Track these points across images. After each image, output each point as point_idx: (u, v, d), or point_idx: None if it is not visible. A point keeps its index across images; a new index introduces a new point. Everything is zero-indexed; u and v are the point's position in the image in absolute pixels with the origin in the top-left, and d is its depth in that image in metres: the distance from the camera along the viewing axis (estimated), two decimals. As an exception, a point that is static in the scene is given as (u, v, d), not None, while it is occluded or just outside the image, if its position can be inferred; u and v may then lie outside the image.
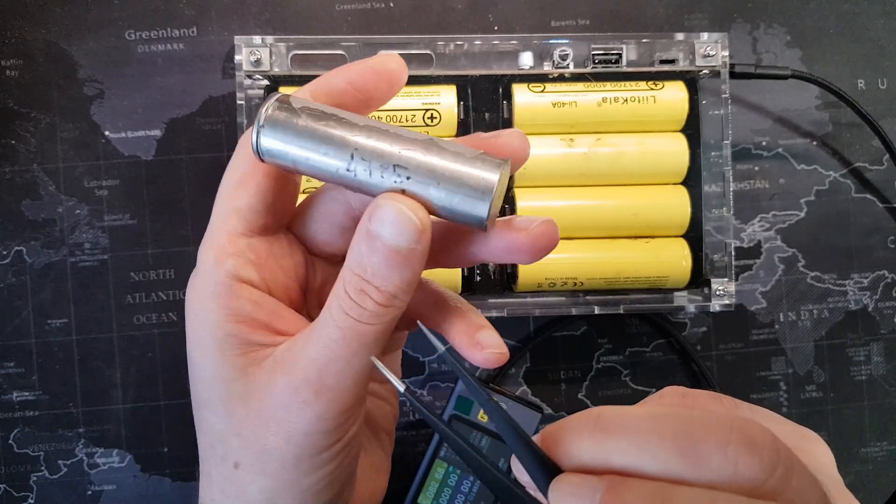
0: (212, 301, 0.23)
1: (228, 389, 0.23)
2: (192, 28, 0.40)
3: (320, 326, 0.22)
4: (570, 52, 0.37)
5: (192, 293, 0.23)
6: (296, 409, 0.22)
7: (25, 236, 0.39)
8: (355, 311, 0.21)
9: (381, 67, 0.23)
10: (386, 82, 0.23)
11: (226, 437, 0.23)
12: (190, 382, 0.24)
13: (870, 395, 0.42)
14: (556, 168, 0.36)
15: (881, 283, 0.42)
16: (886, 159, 0.42)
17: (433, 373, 0.41)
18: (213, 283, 0.23)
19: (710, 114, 0.37)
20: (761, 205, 0.41)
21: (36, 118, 0.39)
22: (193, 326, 0.23)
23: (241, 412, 0.23)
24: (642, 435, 0.17)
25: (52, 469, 0.39)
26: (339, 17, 0.40)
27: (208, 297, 0.23)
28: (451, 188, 0.20)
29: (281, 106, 0.21)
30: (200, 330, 0.23)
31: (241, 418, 0.23)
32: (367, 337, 0.22)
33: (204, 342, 0.23)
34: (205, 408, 0.23)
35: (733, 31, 0.41)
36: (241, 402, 0.23)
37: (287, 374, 0.22)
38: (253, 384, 0.23)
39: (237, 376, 0.23)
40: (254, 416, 0.23)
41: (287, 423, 0.22)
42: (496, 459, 0.37)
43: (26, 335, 0.39)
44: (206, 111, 0.40)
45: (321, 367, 0.22)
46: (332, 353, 0.22)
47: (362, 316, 0.21)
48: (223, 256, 0.23)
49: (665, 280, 0.37)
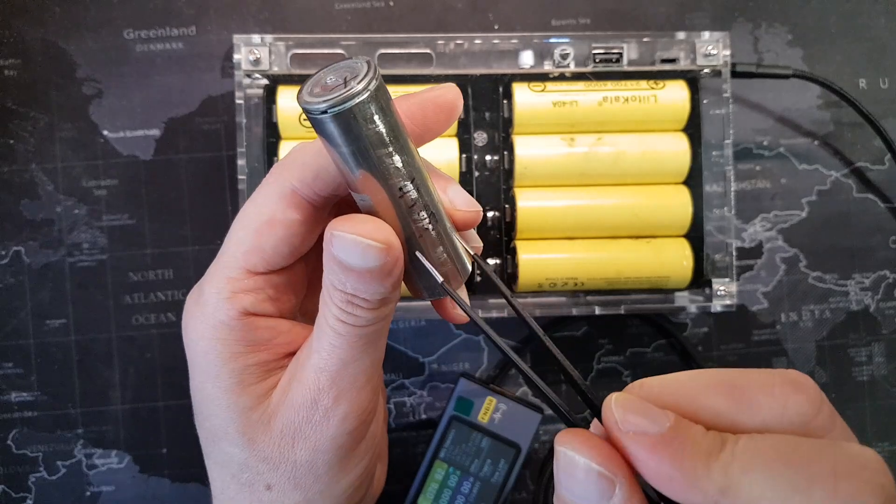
0: (227, 334, 0.22)
1: (247, 419, 0.23)
2: (190, 27, 0.40)
3: (320, 336, 0.22)
4: (571, 51, 0.36)
5: (199, 326, 0.22)
6: (318, 418, 0.22)
7: (23, 236, 0.39)
8: (349, 318, 0.21)
9: (442, 101, 0.22)
10: (445, 114, 0.22)
11: (250, 465, 0.23)
12: (199, 417, 0.24)
13: (871, 396, 0.41)
14: (556, 168, 0.36)
15: (883, 284, 0.42)
16: (888, 159, 0.42)
17: (433, 373, 0.40)
18: (228, 317, 0.22)
19: (711, 113, 0.37)
20: (763, 205, 0.41)
21: (34, 118, 0.39)
22: (206, 360, 0.22)
23: (263, 437, 0.23)
24: (690, 389, 0.17)
25: (50, 470, 0.39)
26: (339, 15, 0.40)
27: (222, 330, 0.22)
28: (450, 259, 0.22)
29: (383, 86, 0.18)
30: (214, 364, 0.22)
31: (265, 443, 0.23)
32: (369, 335, 0.22)
33: (220, 376, 0.22)
34: (222, 441, 0.23)
35: (734, 30, 0.41)
36: (261, 428, 0.23)
37: (301, 389, 0.22)
38: (270, 407, 0.23)
39: (254, 404, 0.23)
40: (277, 437, 0.23)
41: (313, 434, 0.22)
42: (496, 460, 0.36)
43: (24, 335, 0.39)
44: (205, 110, 0.40)
45: (333, 374, 0.22)
46: (340, 358, 0.22)
47: (357, 321, 0.21)
48: (240, 293, 0.22)
49: (666, 280, 0.37)
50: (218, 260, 0.23)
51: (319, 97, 0.18)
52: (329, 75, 0.19)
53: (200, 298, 0.23)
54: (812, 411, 0.16)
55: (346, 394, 0.22)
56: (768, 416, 0.16)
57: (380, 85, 0.18)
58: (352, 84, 0.18)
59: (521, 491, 0.40)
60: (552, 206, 0.36)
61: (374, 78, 0.18)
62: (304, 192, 0.22)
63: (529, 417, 0.37)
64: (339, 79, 0.18)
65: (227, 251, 0.23)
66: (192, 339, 0.23)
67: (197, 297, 0.23)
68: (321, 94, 0.18)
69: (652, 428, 0.16)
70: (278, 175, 0.22)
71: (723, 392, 0.17)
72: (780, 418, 0.16)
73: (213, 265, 0.23)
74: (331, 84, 0.18)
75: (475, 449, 0.37)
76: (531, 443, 0.37)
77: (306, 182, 0.22)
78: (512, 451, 0.37)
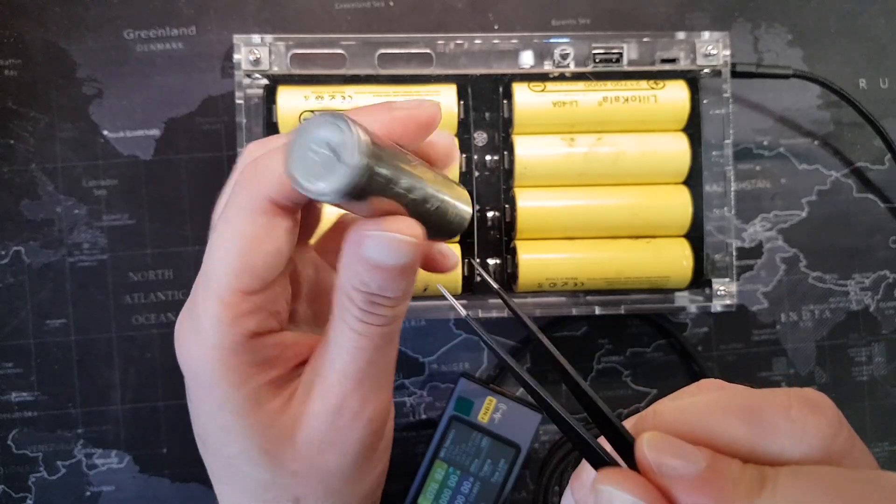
0: (236, 360, 0.21)
1: (268, 437, 0.22)
2: (190, 27, 0.40)
3: (339, 341, 0.22)
4: (571, 51, 0.36)
5: (201, 355, 0.21)
6: (346, 423, 0.22)
7: (24, 236, 0.39)
8: (372, 318, 0.21)
9: (422, 118, 0.22)
10: (424, 130, 0.22)
11: (276, 482, 0.22)
12: (211, 447, 0.23)
13: (871, 396, 0.41)
14: (556, 168, 0.36)
15: (883, 284, 0.42)
16: (888, 159, 0.42)
17: (433, 373, 0.40)
18: (234, 342, 0.21)
19: (711, 113, 0.37)
20: (763, 205, 0.41)
21: (34, 118, 0.39)
22: (214, 391, 0.22)
23: (288, 453, 0.22)
24: (706, 416, 0.17)
25: (50, 470, 0.39)
26: (339, 16, 0.40)
27: (230, 357, 0.21)
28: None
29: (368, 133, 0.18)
30: (225, 392, 0.21)
31: (291, 458, 0.22)
32: (390, 333, 0.22)
33: (234, 402, 0.22)
34: (243, 466, 0.22)
35: (734, 30, 0.41)
36: (285, 443, 0.22)
37: (325, 396, 0.22)
38: (290, 420, 0.22)
39: (272, 421, 0.22)
40: (303, 449, 0.22)
41: (340, 439, 0.22)
42: (496, 460, 0.36)
43: (25, 335, 0.39)
44: (205, 110, 0.40)
45: (358, 377, 0.22)
46: (364, 360, 0.22)
47: (380, 320, 0.21)
48: (242, 316, 0.21)
49: (666, 280, 0.37)
50: (206, 285, 0.21)
51: (320, 180, 0.17)
52: (309, 147, 0.18)
53: (198, 327, 0.21)
54: (831, 433, 0.16)
55: (371, 394, 0.22)
56: (787, 441, 0.16)
57: (368, 138, 0.17)
58: (345, 156, 0.17)
59: (521, 491, 0.40)
60: (552, 206, 0.36)
61: (362, 139, 0.17)
62: (282, 201, 0.21)
63: (529, 417, 0.37)
64: (321, 149, 0.17)
65: (215, 275, 0.21)
66: (194, 370, 0.22)
67: (192, 326, 0.22)
68: (319, 176, 0.17)
69: (688, 469, 0.16)
70: (249, 188, 0.21)
71: (739, 417, 0.16)
72: (800, 442, 0.16)
73: (202, 291, 0.21)
74: (320, 159, 0.17)
75: (475, 449, 0.37)
76: (531, 443, 0.37)
77: (284, 191, 0.20)
78: (512, 450, 0.37)
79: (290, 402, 0.22)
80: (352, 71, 0.36)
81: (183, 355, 0.22)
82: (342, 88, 0.35)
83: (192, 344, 0.21)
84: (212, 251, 0.21)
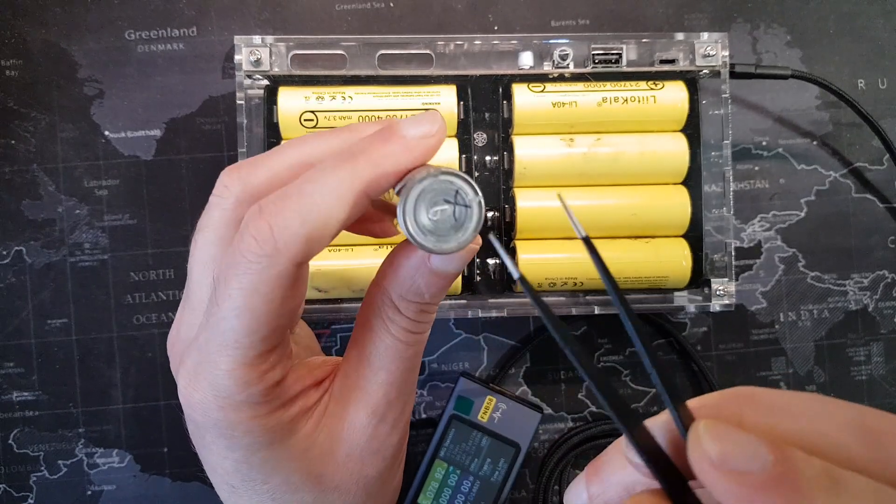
0: (264, 410, 0.21)
1: (308, 459, 0.22)
2: (191, 28, 0.40)
3: (384, 352, 0.22)
4: (570, 51, 0.37)
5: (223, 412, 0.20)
6: (386, 431, 0.23)
7: (25, 236, 0.39)
8: (419, 326, 0.22)
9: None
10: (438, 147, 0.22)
11: (320, 499, 0.23)
12: (245, 488, 0.22)
13: (870, 396, 0.42)
14: (555, 168, 0.36)
15: (881, 283, 0.42)
16: (886, 159, 0.42)
17: (433, 373, 0.41)
18: (259, 396, 0.20)
19: (710, 114, 0.37)
20: (761, 205, 0.41)
21: (35, 118, 0.39)
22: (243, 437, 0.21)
23: (329, 469, 0.22)
24: (820, 423, 0.15)
25: (51, 469, 0.39)
26: (339, 16, 0.40)
27: (257, 410, 0.21)
28: None
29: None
30: (252, 438, 0.21)
31: (333, 473, 0.22)
32: (426, 339, 0.23)
33: (264, 440, 0.21)
34: (286, 493, 0.22)
35: (733, 30, 0.41)
36: (325, 460, 0.22)
37: (365, 408, 0.22)
38: (327, 438, 0.22)
39: (310, 444, 0.22)
40: (345, 462, 0.23)
41: (381, 447, 0.23)
42: (496, 459, 0.37)
43: (26, 335, 0.39)
44: (205, 111, 0.40)
45: (401, 385, 0.23)
46: (408, 368, 0.23)
47: (425, 327, 0.22)
48: (265, 373, 0.21)
49: (665, 280, 0.37)
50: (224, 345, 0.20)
51: (448, 241, 0.19)
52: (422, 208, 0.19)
53: (217, 386, 0.20)
54: None
55: (409, 399, 0.23)
56: (893, 463, 0.14)
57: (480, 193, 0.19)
58: (472, 216, 0.19)
59: (521, 490, 0.40)
60: (552, 207, 0.36)
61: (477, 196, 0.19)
62: (306, 259, 0.20)
63: (529, 417, 0.37)
64: (441, 207, 0.19)
65: (234, 338, 0.20)
66: (216, 427, 0.21)
67: (209, 386, 0.20)
68: (447, 237, 0.19)
69: (753, 465, 0.14)
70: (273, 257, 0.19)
71: (858, 434, 0.15)
72: None
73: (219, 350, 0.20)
74: (443, 218, 0.19)
75: (475, 448, 0.37)
76: (531, 442, 0.37)
77: (309, 251, 0.19)
78: (512, 450, 0.37)
79: (324, 419, 0.23)
80: (352, 72, 0.36)
81: (197, 412, 0.21)
82: (342, 89, 0.35)
83: (213, 405, 0.20)
84: (224, 312, 0.19)
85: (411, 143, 0.20)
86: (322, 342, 0.40)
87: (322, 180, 0.19)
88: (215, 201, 0.23)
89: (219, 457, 0.21)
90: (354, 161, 0.19)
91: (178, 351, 0.24)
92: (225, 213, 0.22)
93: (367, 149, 0.20)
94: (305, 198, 0.19)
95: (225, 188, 0.22)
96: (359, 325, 0.23)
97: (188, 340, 0.22)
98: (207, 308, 0.20)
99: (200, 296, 0.23)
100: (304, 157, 0.22)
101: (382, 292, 0.22)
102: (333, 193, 0.19)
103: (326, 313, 0.35)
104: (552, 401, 0.41)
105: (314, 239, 0.19)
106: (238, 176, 0.22)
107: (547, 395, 0.41)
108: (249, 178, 0.22)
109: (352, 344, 0.23)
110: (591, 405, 0.41)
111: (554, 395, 0.41)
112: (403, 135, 0.20)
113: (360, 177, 0.19)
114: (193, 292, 0.23)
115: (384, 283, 0.22)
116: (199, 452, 0.23)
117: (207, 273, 0.23)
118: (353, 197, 0.19)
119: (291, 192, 0.19)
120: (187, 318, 0.23)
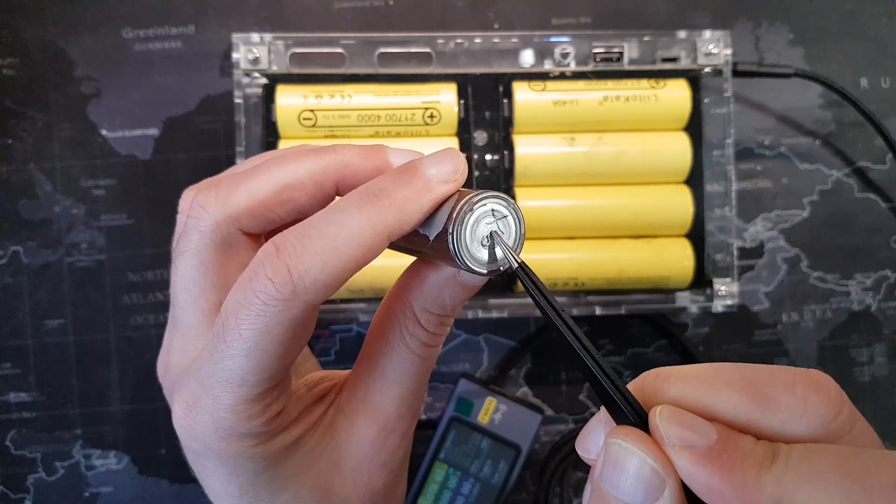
0: (266, 436, 0.21)
1: (314, 472, 0.22)
2: (189, 26, 0.40)
3: (399, 366, 0.22)
4: (572, 50, 0.36)
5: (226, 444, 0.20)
6: (396, 443, 0.23)
7: (22, 236, 0.39)
8: (435, 339, 0.22)
9: None
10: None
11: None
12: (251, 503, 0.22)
13: (873, 396, 0.41)
14: (556, 167, 0.36)
15: (884, 284, 0.41)
16: (889, 158, 0.41)
17: (433, 374, 0.40)
18: (264, 426, 0.20)
19: (712, 112, 0.37)
20: (764, 204, 0.41)
21: (32, 117, 0.39)
22: (248, 462, 0.21)
23: (336, 482, 0.23)
24: (709, 383, 0.17)
25: (49, 471, 0.39)
26: (338, 14, 0.40)
27: (260, 438, 0.21)
28: None
29: None
30: (257, 463, 0.21)
31: (340, 486, 0.23)
32: (440, 351, 0.23)
33: (270, 461, 0.21)
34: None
35: (736, 29, 0.41)
36: (334, 472, 0.23)
37: (377, 421, 0.23)
38: (334, 451, 0.23)
39: (316, 457, 0.22)
40: (353, 475, 0.23)
41: (389, 458, 0.23)
42: (496, 461, 0.36)
43: (23, 336, 0.39)
44: (203, 110, 0.39)
45: (412, 397, 0.23)
46: (420, 381, 0.23)
47: (439, 340, 0.22)
48: (270, 405, 0.20)
49: (667, 280, 0.36)
50: (228, 381, 0.19)
51: (489, 266, 0.20)
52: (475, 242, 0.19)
53: (219, 421, 0.20)
54: (833, 411, 0.16)
55: (418, 411, 0.23)
56: (787, 417, 0.16)
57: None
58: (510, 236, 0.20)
59: (522, 492, 0.40)
60: (552, 206, 0.36)
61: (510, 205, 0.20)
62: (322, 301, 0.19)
63: (529, 418, 0.37)
64: (486, 234, 0.19)
65: (239, 375, 0.19)
66: (220, 458, 0.20)
67: (211, 420, 0.20)
68: (491, 261, 0.20)
69: (699, 440, 0.16)
70: (292, 300, 0.18)
71: (743, 389, 0.17)
72: (800, 419, 0.16)
73: (221, 385, 0.19)
74: (486, 245, 0.20)
75: (475, 450, 0.36)
76: (531, 443, 0.37)
77: (327, 293, 0.19)
78: (512, 451, 0.36)
79: (330, 432, 0.23)
80: (351, 70, 0.36)
81: (198, 443, 0.20)
82: (342, 87, 0.35)
83: (213, 437, 0.20)
84: (233, 350, 0.19)
85: (433, 184, 0.20)
86: (321, 343, 0.40)
87: (344, 222, 0.18)
88: (192, 223, 0.22)
89: (223, 483, 0.21)
90: (377, 203, 0.19)
91: (171, 378, 0.23)
92: (204, 237, 0.21)
93: (389, 191, 0.19)
94: (327, 241, 0.18)
95: (202, 209, 0.21)
96: (372, 338, 0.23)
97: (181, 367, 0.22)
98: (212, 341, 0.19)
99: (189, 321, 0.22)
100: (285, 180, 0.21)
101: (405, 305, 0.22)
102: (356, 239, 0.18)
103: (325, 314, 0.35)
104: (553, 402, 0.41)
105: (333, 284, 0.19)
106: (216, 196, 0.21)
107: (548, 397, 0.41)
108: (229, 201, 0.21)
109: (363, 357, 0.23)
110: (592, 406, 0.41)
111: (555, 397, 0.41)
112: (426, 176, 0.20)
113: (384, 222, 0.19)
114: (180, 318, 0.23)
115: (407, 296, 0.22)
116: (200, 480, 0.22)
117: (193, 300, 0.22)
118: (375, 242, 0.19)
119: (311, 234, 0.18)
120: (178, 344, 0.23)
